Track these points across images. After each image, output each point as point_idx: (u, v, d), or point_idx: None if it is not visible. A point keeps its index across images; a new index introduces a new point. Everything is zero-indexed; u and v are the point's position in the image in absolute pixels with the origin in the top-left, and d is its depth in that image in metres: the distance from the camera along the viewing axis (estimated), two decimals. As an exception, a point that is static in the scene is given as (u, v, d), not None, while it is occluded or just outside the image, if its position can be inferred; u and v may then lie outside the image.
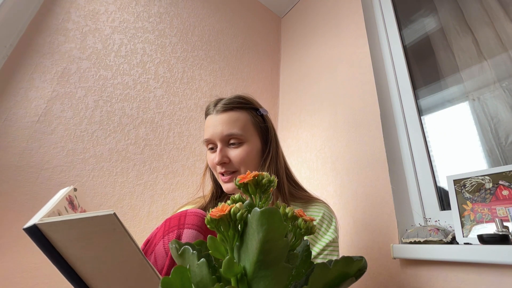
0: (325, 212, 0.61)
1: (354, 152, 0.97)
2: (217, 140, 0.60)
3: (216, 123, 0.60)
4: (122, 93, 1.02)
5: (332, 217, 0.61)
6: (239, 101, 0.63)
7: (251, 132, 0.62)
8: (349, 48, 1.17)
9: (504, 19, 0.82)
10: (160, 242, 0.49)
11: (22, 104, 0.81)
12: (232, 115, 0.61)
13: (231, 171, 0.60)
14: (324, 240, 0.56)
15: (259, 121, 0.65)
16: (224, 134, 0.59)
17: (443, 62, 0.94)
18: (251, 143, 0.61)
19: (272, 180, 0.29)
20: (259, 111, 0.66)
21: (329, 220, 0.60)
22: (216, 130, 0.60)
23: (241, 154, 0.59)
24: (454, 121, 0.86)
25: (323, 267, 0.25)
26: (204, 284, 0.24)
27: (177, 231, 0.50)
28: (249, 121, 0.62)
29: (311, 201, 0.64)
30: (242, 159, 0.59)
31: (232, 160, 0.59)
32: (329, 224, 0.59)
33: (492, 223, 0.61)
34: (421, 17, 1.07)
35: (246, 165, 0.60)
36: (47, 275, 0.72)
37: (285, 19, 1.83)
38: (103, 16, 1.06)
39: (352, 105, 1.05)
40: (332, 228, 0.58)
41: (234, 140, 0.60)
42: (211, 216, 0.25)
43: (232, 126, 0.59)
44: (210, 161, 0.62)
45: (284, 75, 1.62)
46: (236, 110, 0.62)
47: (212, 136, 0.61)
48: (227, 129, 0.59)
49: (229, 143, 0.60)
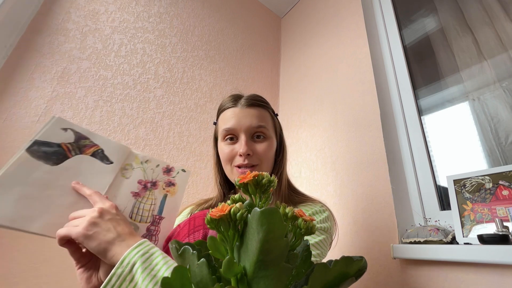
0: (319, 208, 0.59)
1: (354, 152, 0.97)
2: (242, 131, 0.60)
3: (243, 115, 0.61)
4: (122, 93, 1.02)
5: (324, 211, 0.59)
6: (263, 99, 0.65)
7: (272, 131, 0.64)
8: (349, 48, 1.17)
9: (504, 19, 0.82)
10: (185, 240, 0.49)
11: (22, 104, 0.81)
12: (260, 111, 0.63)
13: (252, 164, 0.60)
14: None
15: (276, 123, 0.68)
16: (253, 125, 0.60)
17: (443, 62, 0.94)
18: (272, 141, 0.63)
19: (272, 180, 0.29)
20: (276, 113, 0.69)
21: (322, 212, 0.58)
22: (244, 121, 0.60)
23: (266, 148, 0.60)
24: (454, 121, 0.86)
25: (323, 267, 0.25)
26: (204, 284, 0.24)
27: (203, 230, 0.50)
28: (271, 120, 0.65)
29: (307, 200, 0.63)
30: (266, 153, 0.60)
31: (256, 153, 0.59)
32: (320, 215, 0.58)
33: (492, 223, 0.61)
34: (421, 17, 1.07)
35: (267, 160, 0.61)
36: (47, 275, 0.72)
37: (285, 19, 1.83)
38: (103, 16, 1.06)
39: (352, 105, 1.05)
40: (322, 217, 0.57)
41: (261, 134, 0.61)
42: (211, 216, 0.25)
43: (261, 120, 0.61)
44: (226, 152, 0.61)
45: (284, 75, 1.62)
46: (261, 107, 0.64)
47: (238, 126, 0.60)
48: (256, 122, 0.60)
49: (253, 137, 0.61)
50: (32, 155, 0.43)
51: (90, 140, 0.50)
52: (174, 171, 0.57)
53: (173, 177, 0.57)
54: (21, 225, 0.40)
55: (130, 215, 0.50)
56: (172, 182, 0.56)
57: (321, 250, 0.53)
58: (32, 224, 0.40)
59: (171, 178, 0.56)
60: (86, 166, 0.48)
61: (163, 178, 0.56)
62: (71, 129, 0.48)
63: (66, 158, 0.46)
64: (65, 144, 0.47)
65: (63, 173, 0.45)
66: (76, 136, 0.48)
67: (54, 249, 0.74)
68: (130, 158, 0.53)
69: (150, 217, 0.51)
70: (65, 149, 0.46)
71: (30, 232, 0.40)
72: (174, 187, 0.56)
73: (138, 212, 0.51)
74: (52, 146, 0.45)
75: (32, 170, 0.43)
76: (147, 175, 0.54)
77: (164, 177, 0.56)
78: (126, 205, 0.50)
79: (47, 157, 0.44)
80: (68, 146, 0.47)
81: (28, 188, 0.42)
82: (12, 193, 0.40)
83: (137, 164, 0.54)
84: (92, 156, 0.49)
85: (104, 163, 0.50)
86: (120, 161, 0.52)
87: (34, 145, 0.44)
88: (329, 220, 0.58)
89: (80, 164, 0.47)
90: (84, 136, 0.49)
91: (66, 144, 0.47)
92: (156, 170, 0.55)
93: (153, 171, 0.55)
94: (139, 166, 0.54)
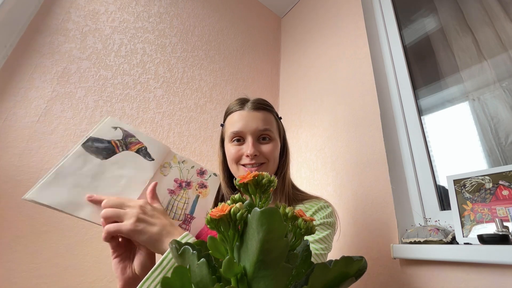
0: (324, 204, 0.62)
1: (354, 152, 0.97)
2: (249, 134, 0.63)
3: (250, 118, 0.64)
4: (122, 93, 1.02)
5: (328, 207, 0.62)
6: (268, 104, 0.69)
7: (276, 134, 0.67)
8: (349, 48, 1.17)
9: (504, 19, 0.82)
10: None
11: (22, 104, 0.81)
12: (266, 114, 0.66)
13: (260, 162, 0.63)
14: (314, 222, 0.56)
15: (280, 125, 0.71)
16: (259, 128, 0.63)
17: (443, 62, 0.94)
18: (276, 142, 0.66)
19: (272, 180, 0.29)
20: (280, 117, 0.72)
21: (325, 208, 0.61)
22: (251, 124, 0.63)
23: (272, 148, 0.64)
24: (454, 121, 0.86)
25: (323, 267, 0.25)
26: (204, 284, 0.24)
27: None
28: (275, 123, 0.68)
29: (311, 198, 0.65)
30: (272, 153, 0.63)
31: (263, 153, 0.63)
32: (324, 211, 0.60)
33: (492, 223, 0.61)
34: (421, 17, 1.07)
35: (272, 161, 0.64)
36: (47, 275, 0.72)
37: (285, 19, 1.83)
38: (103, 16, 1.06)
39: (352, 105, 1.05)
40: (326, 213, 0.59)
41: (266, 136, 0.64)
42: (211, 216, 0.25)
43: (267, 123, 0.64)
44: (233, 152, 0.64)
45: (284, 75, 1.62)
46: (266, 111, 0.67)
47: (245, 128, 0.63)
48: (263, 125, 0.63)
49: (259, 139, 0.64)
50: (86, 150, 0.49)
51: (136, 138, 0.55)
52: (207, 174, 0.61)
53: (206, 180, 0.61)
54: (72, 210, 0.45)
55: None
56: (205, 184, 0.60)
57: (328, 244, 0.56)
58: (80, 211, 0.45)
59: (204, 180, 0.60)
60: (131, 161, 0.53)
61: (196, 179, 0.60)
62: (120, 128, 0.54)
63: (114, 153, 0.52)
64: (114, 141, 0.52)
65: (111, 167, 0.50)
66: (124, 134, 0.54)
67: (54, 249, 0.74)
68: (169, 157, 0.58)
69: (183, 215, 0.55)
70: (114, 145, 0.52)
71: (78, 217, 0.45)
72: (206, 189, 0.60)
73: (172, 209, 0.55)
74: (103, 142, 0.51)
75: (85, 163, 0.48)
76: (183, 174, 0.58)
77: (197, 179, 0.60)
78: (162, 201, 0.54)
79: (98, 152, 0.50)
80: (116, 142, 0.52)
81: (80, 178, 0.47)
82: (67, 182, 0.46)
83: (175, 163, 0.58)
84: (137, 152, 0.54)
85: (147, 159, 0.55)
86: (160, 159, 0.57)
87: (89, 141, 0.50)
88: (333, 216, 0.61)
89: (126, 159, 0.52)
90: (131, 134, 0.55)
91: (115, 141, 0.52)
92: (191, 171, 0.60)
93: (188, 172, 0.59)
94: (177, 165, 0.58)
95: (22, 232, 0.72)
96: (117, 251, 0.48)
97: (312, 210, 0.59)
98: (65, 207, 0.44)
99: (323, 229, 0.57)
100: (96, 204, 0.47)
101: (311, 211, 0.59)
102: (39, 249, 0.73)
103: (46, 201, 0.43)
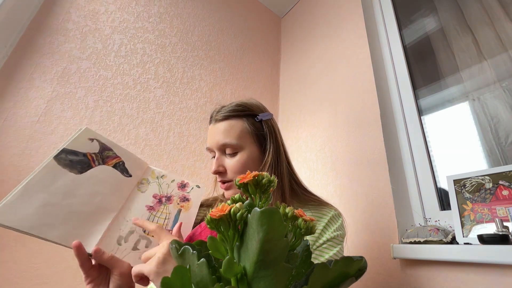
0: (334, 213, 0.61)
1: (354, 152, 0.97)
2: (215, 149, 0.61)
3: (213, 132, 0.62)
4: (122, 93, 1.02)
5: (339, 216, 0.61)
6: (235, 109, 0.63)
7: (247, 140, 0.61)
8: (349, 48, 1.17)
9: (504, 19, 0.82)
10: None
11: (22, 104, 0.81)
12: (227, 124, 0.61)
13: (225, 180, 0.60)
14: (327, 235, 0.56)
15: (256, 128, 0.63)
16: (219, 143, 0.60)
17: (443, 62, 0.94)
18: (247, 151, 0.60)
19: (272, 180, 0.29)
20: (257, 117, 0.64)
21: (337, 218, 0.60)
22: (214, 139, 0.61)
23: (235, 164, 0.59)
24: (454, 121, 0.86)
25: (323, 267, 0.25)
26: (204, 284, 0.24)
27: None
28: (245, 129, 0.61)
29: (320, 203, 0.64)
30: (237, 168, 0.59)
31: (227, 169, 0.60)
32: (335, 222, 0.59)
33: (492, 223, 0.61)
34: (421, 17, 1.07)
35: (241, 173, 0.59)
36: (47, 275, 0.72)
37: (285, 19, 1.83)
38: (103, 16, 1.06)
39: (352, 105, 1.05)
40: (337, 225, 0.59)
41: (229, 150, 0.60)
42: (211, 216, 0.25)
43: (226, 135, 0.60)
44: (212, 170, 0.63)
45: (284, 75, 1.62)
46: (231, 118, 0.62)
47: (211, 145, 0.62)
48: (222, 139, 0.60)
49: (224, 153, 0.61)
50: (58, 163, 0.45)
51: (114, 152, 0.52)
52: (189, 186, 0.59)
53: (188, 193, 0.58)
54: (40, 232, 0.40)
55: (144, 229, 0.50)
56: (187, 197, 0.58)
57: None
58: (50, 232, 0.41)
59: (186, 193, 0.58)
60: (107, 177, 0.49)
61: (178, 193, 0.57)
62: (97, 140, 0.50)
63: (90, 167, 0.48)
64: (90, 154, 0.49)
65: (85, 182, 0.47)
66: (101, 147, 0.50)
67: (54, 249, 0.74)
68: (147, 173, 0.55)
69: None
70: (90, 158, 0.48)
71: (48, 240, 0.41)
72: (188, 202, 0.57)
73: None
74: (78, 155, 0.47)
75: (57, 178, 0.44)
76: (162, 189, 0.56)
77: (178, 192, 0.57)
78: (140, 218, 0.51)
79: (72, 166, 0.46)
80: (92, 156, 0.49)
81: (51, 196, 0.43)
82: (36, 200, 0.41)
83: (153, 179, 0.56)
84: (114, 167, 0.51)
85: (124, 175, 0.52)
86: (138, 175, 0.54)
87: (62, 153, 0.46)
88: (343, 227, 0.60)
89: (101, 174, 0.49)
90: (108, 147, 0.51)
91: (91, 154, 0.49)
92: (171, 185, 0.57)
93: (168, 186, 0.56)
94: (155, 180, 0.56)
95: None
96: (90, 275, 0.45)
97: (325, 221, 0.58)
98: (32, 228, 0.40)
99: (334, 244, 0.55)
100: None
101: (323, 223, 0.57)
102: (39, 249, 0.73)
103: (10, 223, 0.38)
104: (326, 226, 0.57)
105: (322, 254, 0.54)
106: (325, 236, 0.56)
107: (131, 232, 0.49)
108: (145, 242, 0.49)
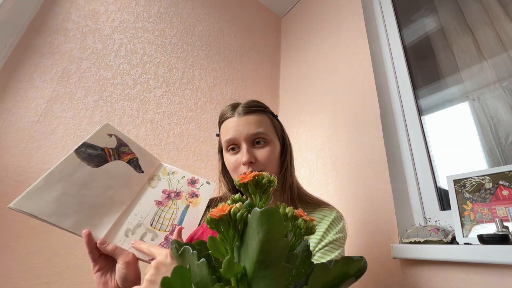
0: (336, 215, 0.61)
1: (354, 152, 0.97)
2: (242, 140, 0.60)
3: (241, 123, 0.61)
4: (122, 93, 1.02)
5: (341, 218, 0.62)
6: (259, 104, 0.66)
7: (273, 134, 0.64)
8: (349, 48, 1.17)
9: (504, 19, 0.82)
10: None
11: (22, 104, 0.81)
12: (256, 117, 0.62)
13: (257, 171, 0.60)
14: (329, 237, 0.56)
15: (276, 125, 0.67)
16: (251, 133, 0.60)
17: (443, 62, 0.94)
18: (273, 144, 0.62)
19: (272, 180, 0.29)
20: (276, 115, 0.69)
21: (339, 221, 0.61)
22: (242, 130, 0.60)
23: (268, 153, 0.60)
24: (454, 121, 0.86)
25: (323, 267, 0.25)
26: (204, 284, 0.24)
27: None
28: (270, 124, 0.65)
29: (321, 204, 0.64)
30: (269, 158, 0.60)
31: (258, 160, 0.59)
32: (337, 224, 0.60)
33: (492, 223, 0.61)
34: (421, 17, 1.07)
35: (271, 165, 0.61)
36: (47, 275, 0.72)
37: (285, 19, 1.83)
38: (103, 16, 1.06)
39: (352, 105, 1.05)
40: (339, 227, 0.59)
41: (261, 139, 0.61)
42: (211, 216, 0.25)
43: (258, 125, 0.61)
44: (231, 162, 0.61)
45: (284, 75, 1.62)
46: (258, 112, 0.64)
47: (237, 135, 0.60)
48: (254, 128, 0.60)
49: (254, 143, 0.61)
50: (78, 156, 0.48)
51: (129, 148, 0.54)
52: (199, 183, 0.60)
53: (197, 189, 0.60)
54: (56, 220, 0.43)
55: (151, 223, 0.52)
56: (196, 193, 0.59)
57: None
58: (64, 221, 0.44)
59: (195, 189, 0.59)
60: (121, 172, 0.52)
61: (187, 189, 0.58)
62: (115, 136, 0.53)
63: (106, 161, 0.51)
64: (107, 148, 0.51)
65: (100, 176, 0.49)
66: (118, 142, 0.53)
67: (54, 249, 0.74)
68: (158, 169, 0.58)
69: (170, 226, 0.54)
70: (107, 153, 0.51)
71: (62, 228, 0.44)
72: (197, 198, 0.59)
73: (159, 220, 0.53)
74: (96, 149, 0.50)
75: (76, 170, 0.47)
76: (172, 185, 0.57)
77: (188, 188, 0.59)
78: (148, 212, 0.53)
79: (90, 159, 0.49)
80: (110, 150, 0.52)
81: (70, 186, 0.46)
82: (55, 190, 0.44)
83: (164, 175, 0.58)
84: (128, 163, 0.53)
85: (136, 171, 0.54)
86: (149, 172, 0.56)
87: (82, 146, 0.49)
88: (344, 229, 0.60)
89: (116, 169, 0.51)
90: (125, 143, 0.54)
91: (109, 148, 0.52)
92: (181, 181, 0.59)
93: (178, 182, 0.58)
94: (166, 177, 0.58)
95: (22, 232, 0.72)
96: (98, 263, 0.47)
97: (327, 223, 0.58)
98: (49, 216, 0.43)
99: (336, 247, 0.55)
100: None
101: (326, 225, 0.58)
102: (39, 249, 0.73)
103: (31, 210, 0.42)
104: (328, 228, 0.57)
105: (324, 256, 0.54)
106: (328, 239, 0.56)
107: (138, 225, 0.51)
108: (151, 235, 0.51)
